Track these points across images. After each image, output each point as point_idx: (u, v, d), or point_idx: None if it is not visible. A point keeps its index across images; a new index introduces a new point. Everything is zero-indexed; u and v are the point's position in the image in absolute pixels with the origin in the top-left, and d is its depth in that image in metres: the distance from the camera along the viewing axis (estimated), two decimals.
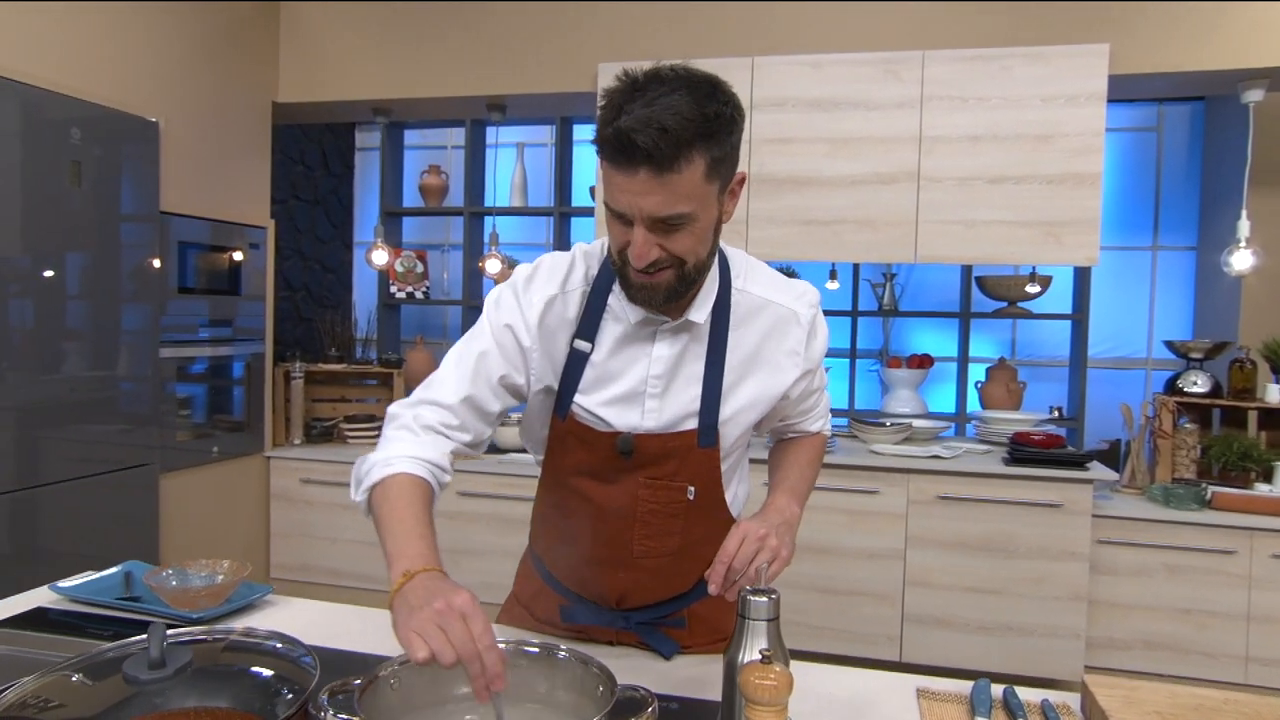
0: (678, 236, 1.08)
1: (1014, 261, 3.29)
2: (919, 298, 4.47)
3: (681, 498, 1.26)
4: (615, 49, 3.57)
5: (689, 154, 1.01)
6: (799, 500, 1.29)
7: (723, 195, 1.12)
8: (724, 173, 1.08)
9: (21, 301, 2.66)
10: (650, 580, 1.33)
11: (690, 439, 1.24)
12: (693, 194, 1.04)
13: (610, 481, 1.27)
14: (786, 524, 1.19)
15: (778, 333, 1.27)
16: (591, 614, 1.37)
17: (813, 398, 1.39)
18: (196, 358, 3.42)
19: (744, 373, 1.26)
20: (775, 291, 1.28)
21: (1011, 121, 3.20)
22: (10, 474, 2.63)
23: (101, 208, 2.91)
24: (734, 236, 3.45)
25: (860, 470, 3.19)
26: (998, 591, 3.11)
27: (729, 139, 1.06)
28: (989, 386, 3.94)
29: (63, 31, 2.84)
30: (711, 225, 1.12)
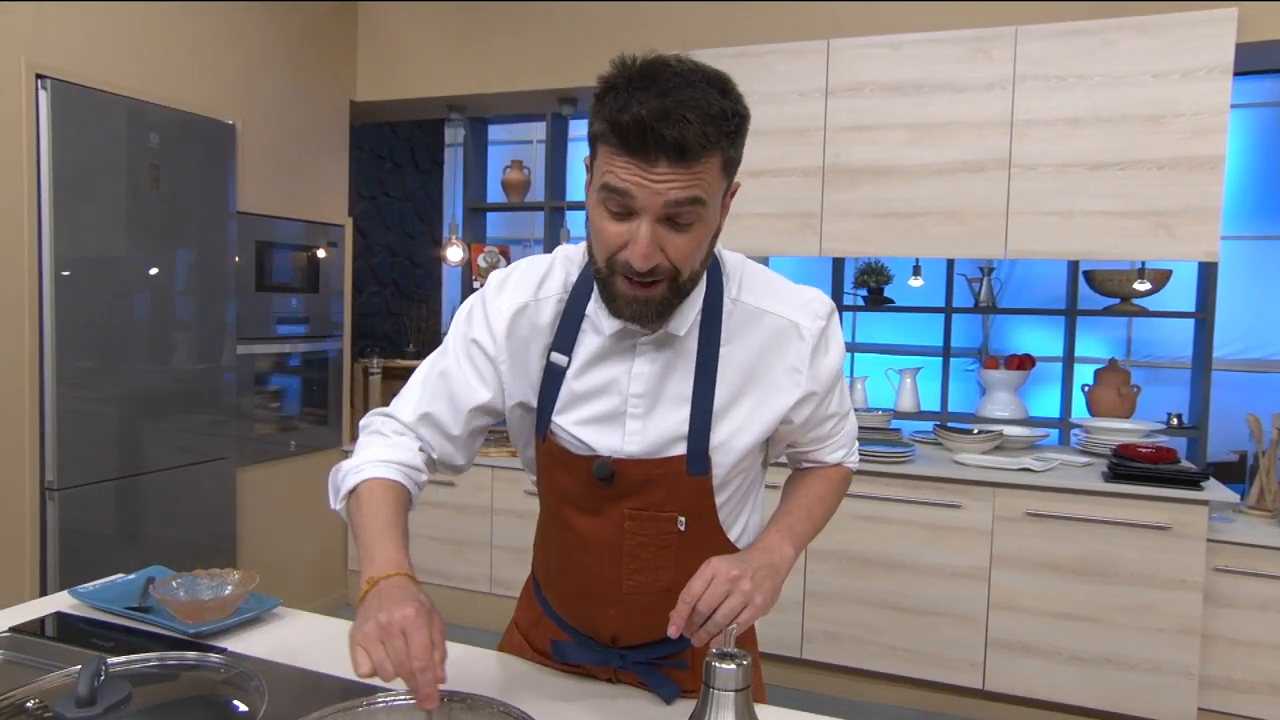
0: (681, 239, 0.99)
1: (1118, 257, 2.97)
2: (1021, 293, 4.15)
3: (671, 529, 1.14)
4: (684, 39, 3.44)
5: (714, 149, 0.95)
6: (794, 541, 1.15)
7: (727, 195, 1.05)
8: (731, 175, 1.03)
9: (103, 301, 2.78)
10: (643, 618, 1.20)
11: (678, 465, 1.12)
12: (710, 187, 0.97)
13: (594, 512, 1.16)
14: (771, 566, 1.05)
15: (775, 347, 1.13)
16: (585, 652, 1.27)
17: (827, 424, 1.23)
18: (274, 354, 3.52)
19: (738, 392, 1.13)
20: (774, 301, 1.14)
21: (1117, 101, 2.88)
22: (109, 463, 2.76)
23: (178, 209, 3.01)
24: (807, 232, 3.27)
25: (941, 482, 2.96)
26: (1095, 619, 2.82)
27: (740, 141, 1.01)
28: (1098, 390, 3.60)
29: (140, 39, 2.95)
30: (712, 231, 1.04)
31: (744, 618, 0.96)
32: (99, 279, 2.77)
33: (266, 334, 3.47)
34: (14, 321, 2.59)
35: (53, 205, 2.63)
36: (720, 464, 1.14)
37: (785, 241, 3.33)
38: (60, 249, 2.65)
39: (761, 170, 3.32)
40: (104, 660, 0.98)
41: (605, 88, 0.98)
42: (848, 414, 1.27)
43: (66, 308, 2.68)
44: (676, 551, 1.16)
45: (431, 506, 3.70)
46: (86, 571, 2.41)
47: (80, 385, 2.73)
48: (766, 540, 1.13)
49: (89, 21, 2.78)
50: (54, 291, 2.64)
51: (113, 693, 0.97)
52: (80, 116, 2.69)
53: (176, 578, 1.56)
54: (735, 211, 3.36)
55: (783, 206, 3.31)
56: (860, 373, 4.19)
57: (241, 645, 1.37)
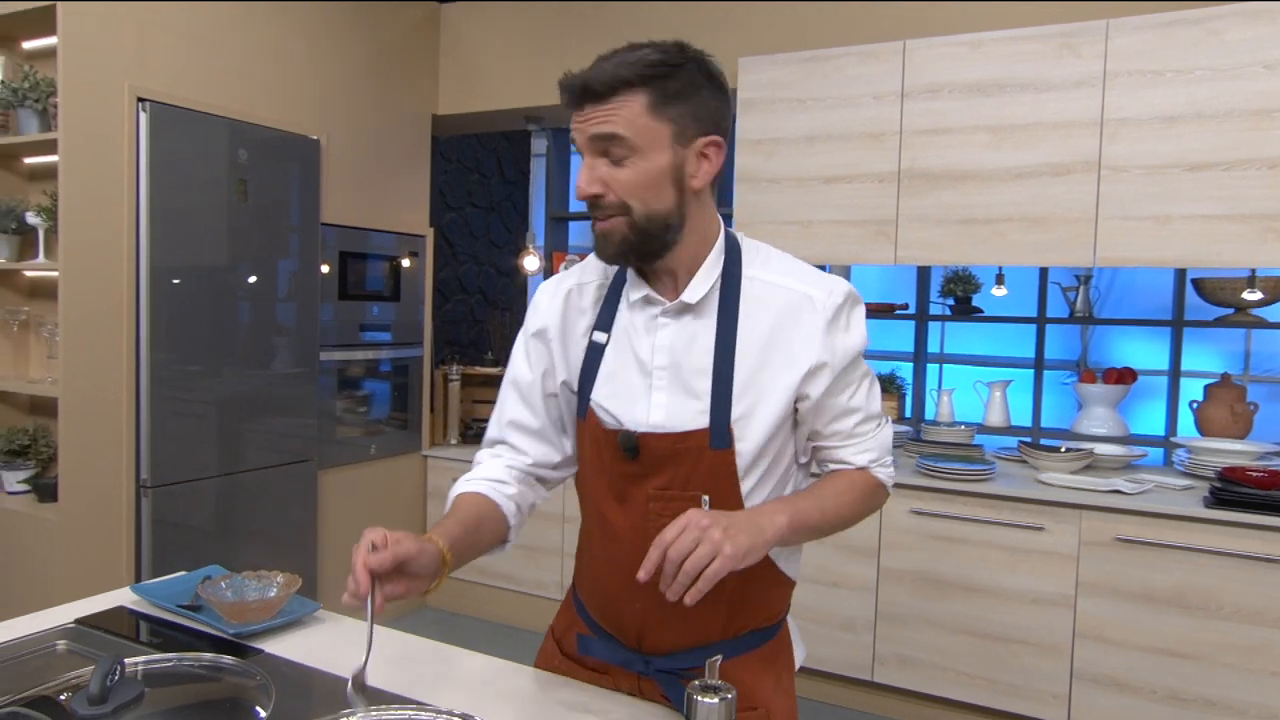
0: (621, 173, 1.08)
1: (1221, 264, 2.75)
2: (1125, 302, 3.90)
3: (695, 507, 1.11)
4: (756, 43, 3.39)
5: (625, 88, 1.06)
6: (791, 513, 1.08)
7: (682, 148, 1.09)
8: (675, 117, 1.08)
9: (194, 309, 2.95)
10: (668, 616, 1.16)
11: (701, 439, 1.13)
12: (630, 122, 1.06)
13: (623, 498, 1.19)
14: (753, 524, 1.03)
15: (790, 319, 1.15)
16: (609, 650, 1.27)
17: (850, 419, 1.20)
18: (357, 360, 3.65)
19: (757, 366, 1.14)
20: (791, 278, 1.17)
21: (1220, 96, 2.67)
22: (198, 463, 2.93)
23: (266, 221, 3.16)
24: (881, 239, 3.16)
25: (1022, 502, 2.80)
26: (1195, 657, 2.61)
27: (680, 87, 1.07)
28: (1208, 407, 3.34)
29: (231, 62, 3.11)
30: (663, 172, 1.08)
31: (713, 568, 0.95)
32: (190, 288, 2.93)
33: (350, 341, 3.60)
34: (114, 328, 2.77)
35: (150, 219, 2.80)
36: (743, 439, 1.13)
37: (859, 250, 3.23)
38: (155, 259, 2.82)
39: (834, 176, 3.23)
40: (119, 660, 1.02)
41: None
42: (876, 418, 1.23)
43: (160, 315, 2.85)
44: None
45: None
46: (177, 565, 2.55)
47: (172, 389, 2.89)
48: (761, 506, 1.12)
49: (185, 47, 2.95)
50: (150, 299, 2.82)
51: (125, 692, 1.01)
52: (175, 135, 2.86)
53: (226, 578, 1.63)
54: (805, 219, 3.33)
55: (856, 213, 3.21)
56: (947, 385, 4.03)
57: (280, 647, 1.41)
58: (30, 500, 2.86)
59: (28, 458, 2.92)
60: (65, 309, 2.65)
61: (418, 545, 1.04)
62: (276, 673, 1.23)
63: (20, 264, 2.87)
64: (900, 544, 2.98)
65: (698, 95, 1.09)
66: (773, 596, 1.26)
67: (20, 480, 2.90)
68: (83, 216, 2.68)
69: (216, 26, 3.05)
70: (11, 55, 2.96)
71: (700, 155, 1.11)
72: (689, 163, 1.10)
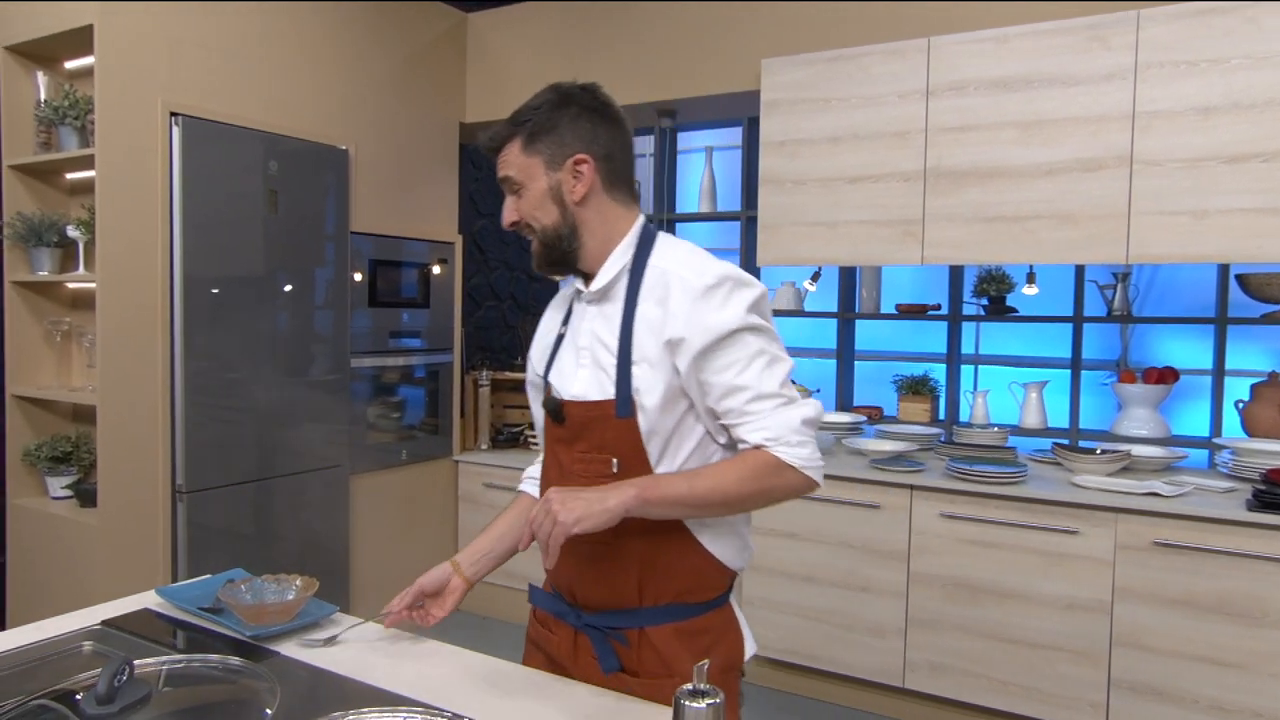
0: (519, 202, 1.34)
1: (1260, 259, 2.66)
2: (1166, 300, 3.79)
3: (606, 470, 1.30)
4: (779, 43, 3.37)
5: (507, 139, 1.33)
6: (646, 488, 1.20)
7: (556, 171, 1.31)
8: (543, 149, 1.31)
9: (226, 318, 3.01)
10: (586, 568, 1.34)
11: (608, 408, 1.29)
12: (513, 163, 1.32)
13: (559, 460, 1.38)
14: (595, 495, 1.18)
15: (665, 297, 1.29)
16: (551, 602, 1.44)
17: (739, 396, 1.25)
18: (388, 367, 3.70)
19: (645, 342, 1.30)
20: (677, 264, 1.31)
21: (1258, 85, 2.58)
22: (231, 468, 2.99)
23: (296, 231, 3.22)
24: (908, 239, 3.12)
25: (1056, 505, 2.74)
26: (1239, 666, 2.53)
27: (539, 126, 1.31)
28: (1254, 407, 3.23)
29: (261, 75, 3.18)
30: (544, 194, 1.32)
31: (553, 534, 1.14)
32: (223, 298, 3.00)
33: (382, 347, 3.65)
34: (149, 337, 2.84)
35: (183, 230, 2.87)
36: (642, 408, 1.28)
37: (885, 250, 3.19)
38: (189, 270, 2.89)
39: (859, 176, 3.20)
40: (128, 661, 1.05)
41: None
42: (774, 397, 1.26)
43: (194, 324, 2.92)
44: None
45: None
46: (211, 568, 2.61)
47: (206, 396, 2.96)
48: (621, 481, 1.23)
49: (216, 62, 3.03)
50: (184, 309, 2.89)
51: (132, 693, 1.03)
52: (207, 148, 2.93)
53: (246, 581, 1.66)
54: (831, 220, 3.31)
55: (881, 213, 3.17)
56: (982, 386, 3.95)
57: (295, 649, 1.44)
58: (72, 505, 2.95)
59: (70, 464, 3.01)
60: (103, 319, 2.73)
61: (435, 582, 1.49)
62: (286, 674, 1.25)
63: (62, 276, 2.96)
64: (930, 548, 2.93)
65: (559, 127, 1.31)
66: (687, 570, 1.33)
67: (64, 486, 2.99)
68: (119, 229, 2.75)
69: (245, 41, 3.13)
70: (54, 75, 3.06)
71: (573, 174, 1.31)
72: (565, 182, 1.31)
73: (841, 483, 3.06)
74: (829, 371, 4.16)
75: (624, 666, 1.32)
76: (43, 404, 3.07)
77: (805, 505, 3.11)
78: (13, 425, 3.02)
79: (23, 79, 3.01)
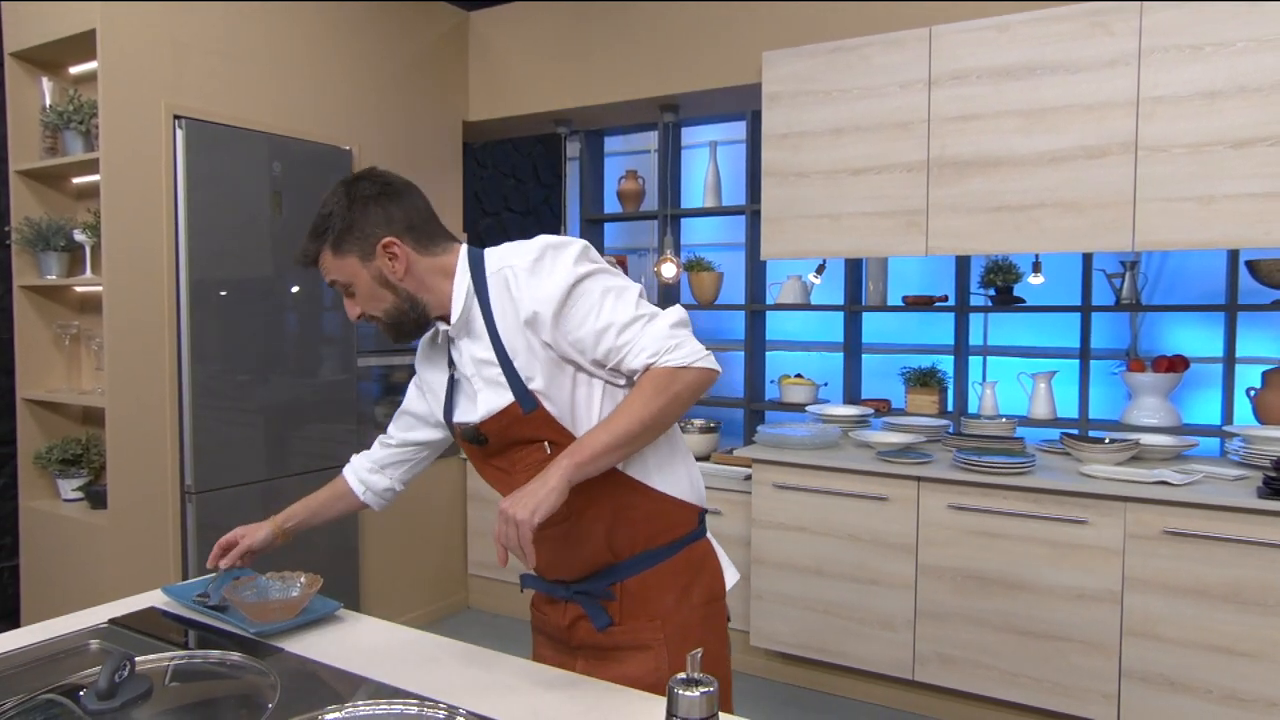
0: (354, 300, 1.43)
1: (1269, 244, 2.63)
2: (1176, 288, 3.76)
3: (543, 456, 1.36)
4: (779, 36, 3.36)
5: (317, 253, 1.42)
6: (572, 454, 1.26)
7: (371, 260, 1.38)
8: (349, 248, 1.38)
9: (231, 319, 3.03)
10: (559, 552, 1.43)
11: (514, 410, 1.36)
12: (331, 270, 1.42)
13: (500, 469, 1.45)
14: (535, 484, 1.23)
15: (506, 290, 1.36)
16: (540, 583, 1.52)
17: (608, 336, 1.32)
18: (394, 366, 3.71)
19: (512, 338, 1.36)
20: (504, 258, 1.38)
21: (1264, 68, 2.56)
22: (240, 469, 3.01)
23: (301, 232, 3.19)
24: (911, 230, 3.11)
25: (1064, 495, 2.72)
26: (1253, 655, 2.50)
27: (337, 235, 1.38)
28: (1266, 395, 3.20)
29: (264, 77, 3.19)
30: (371, 284, 1.40)
31: (521, 535, 1.18)
32: (229, 299, 3.02)
33: (388, 347, 3.66)
34: (157, 339, 2.86)
35: (188, 232, 2.89)
36: (540, 392, 1.35)
37: (889, 241, 3.17)
38: (195, 272, 2.90)
39: (862, 168, 3.19)
40: (129, 657, 1.05)
41: None
42: (633, 321, 1.32)
43: (201, 326, 2.93)
44: None
45: None
46: None
47: (214, 397, 2.98)
48: (565, 455, 1.27)
49: (218, 64, 3.04)
50: (190, 310, 2.90)
51: (133, 688, 1.04)
52: (211, 150, 2.95)
53: (251, 579, 1.67)
54: (835, 212, 3.30)
55: (885, 205, 3.16)
56: (991, 377, 3.93)
57: (299, 646, 1.44)
58: (83, 507, 2.97)
59: (81, 466, 3.03)
60: (110, 322, 2.75)
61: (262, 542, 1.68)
62: (288, 670, 1.26)
63: (70, 279, 2.98)
64: (939, 540, 2.92)
65: (355, 223, 1.37)
66: (646, 516, 1.41)
67: (74, 488, 3.01)
68: (124, 232, 2.77)
69: (248, 43, 3.14)
70: (59, 80, 3.08)
71: (388, 256, 1.37)
72: (385, 266, 1.38)
73: (849, 475, 3.05)
74: (836, 364, 4.14)
75: (613, 620, 1.41)
76: (53, 407, 3.10)
77: (812, 498, 3.11)
78: (24, 429, 3.05)
79: (28, 85, 3.03)
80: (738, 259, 4.31)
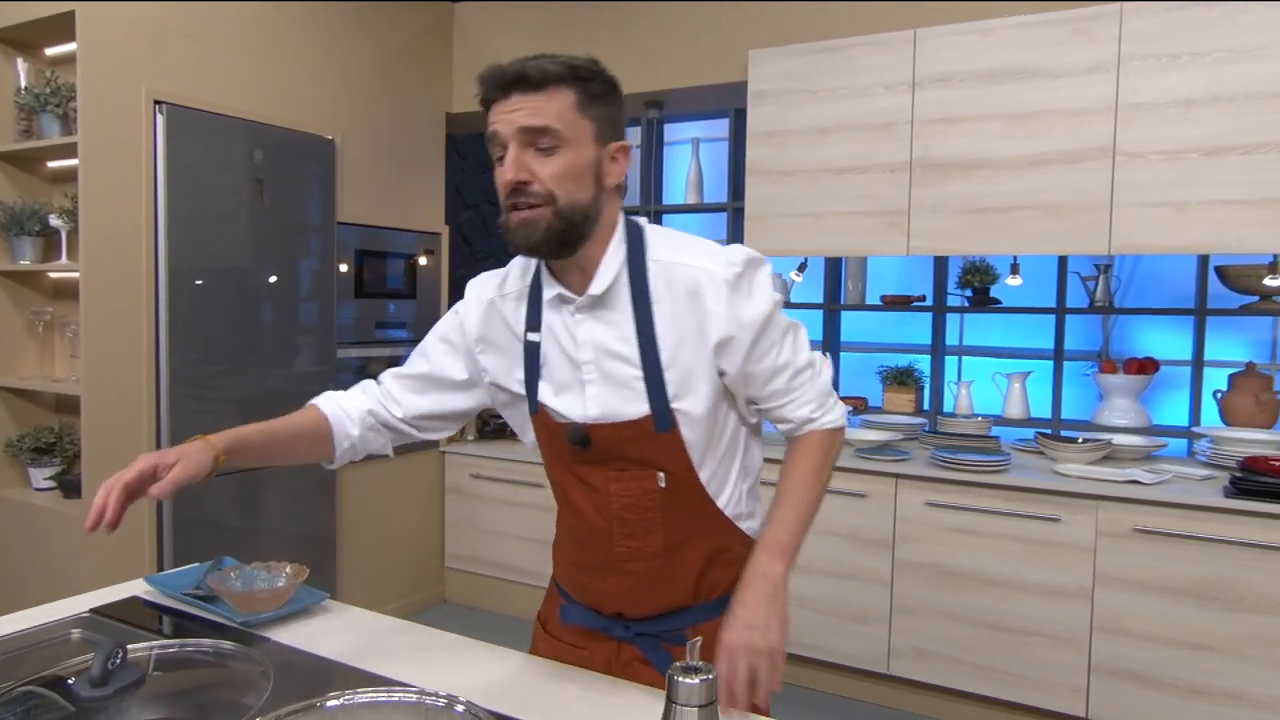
0: (548, 161, 1.11)
1: (1240, 250, 2.70)
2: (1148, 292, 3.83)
3: (653, 487, 1.21)
4: (765, 35, 3.38)
5: (556, 82, 1.11)
6: (784, 553, 1.17)
7: (601, 146, 1.16)
8: (598, 117, 1.14)
9: (212, 308, 2.99)
10: (641, 588, 1.26)
11: (645, 425, 1.18)
12: (561, 115, 1.11)
13: (585, 480, 1.25)
14: (769, 600, 1.12)
15: (695, 296, 1.18)
16: (589, 616, 1.33)
17: (781, 377, 1.23)
18: (374, 357, 3.69)
19: (677, 345, 1.19)
20: (688, 255, 1.20)
21: (1239, 78, 2.62)
22: None
23: (282, 220, 3.20)
24: (894, 230, 3.14)
25: (1038, 493, 2.78)
26: (1216, 650, 2.57)
27: (600, 91, 1.15)
28: (1232, 397, 3.28)
29: (246, 64, 3.16)
30: (585, 166, 1.14)
31: (775, 680, 1.08)
32: (208, 288, 2.98)
33: (368, 338, 3.64)
34: (134, 327, 2.82)
35: (168, 219, 2.85)
36: (685, 417, 1.19)
37: (871, 241, 3.21)
38: (174, 259, 2.87)
39: (846, 167, 3.22)
40: (121, 644, 1.05)
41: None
42: (808, 367, 1.26)
43: (179, 314, 2.90)
44: (662, 513, 1.22)
45: (519, 508, 3.78)
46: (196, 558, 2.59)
47: (192, 386, 2.94)
48: (758, 565, 1.16)
49: (201, 50, 3.00)
50: (169, 298, 2.87)
51: (125, 676, 1.03)
52: (192, 137, 2.91)
53: (236, 569, 1.66)
54: (818, 211, 3.32)
55: (868, 204, 3.19)
56: (966, 377, 3.99)
57: (286, 635, 1.44)
58: (55, 497, 2.93)
59: (53, 455, 2.99)
60: (86, 309, 2.71)
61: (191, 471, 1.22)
62: (279, 658, 1.26)
63: (44, 265, 2.93)
64: (915, 536, 2.96)
65: (612, 102, 1.17)
66: (745, 557, 1.28)
67: (46, 477, 2.96)
68: (102, 218, 2.73)
69: (231, 29, 3.10)
70: (35, 62, 3.03)
71: (611, 157, 1.17)
72: (604, 161, 1.16)
73: None
74: None
75: None
76: (25, 394, 3.05)
77: None
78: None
79: (2, 66, 2.98)
80: None
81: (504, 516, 3.86)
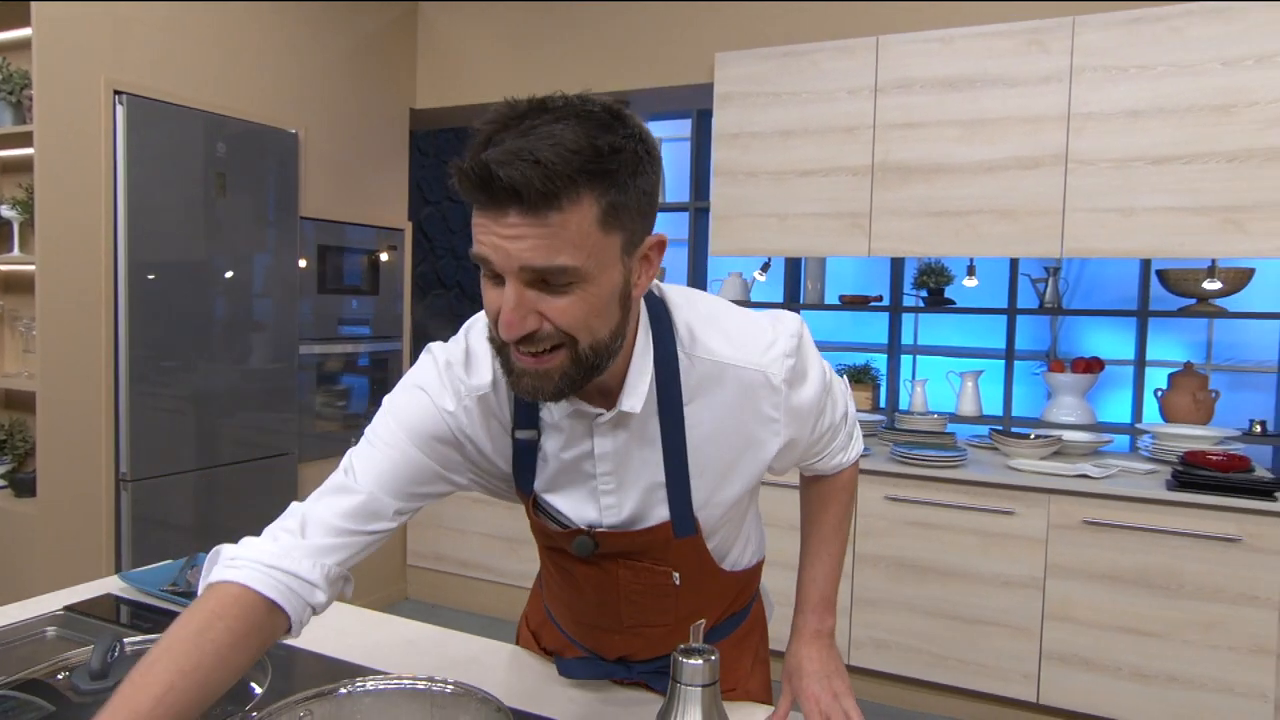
0: (564, 302, 0.82)
1: (1184, 255, 2.83)
2: (1094, 294, 3.99)
3: (667, 582, 1.09)
4: (732, 38, 3.44)
5: (573, 192, 0.77)
6: (830, 607, 1.25)
7: (630, 258, 0.86)
8: (627, 225, 0.83)
9: (172, 303, 2.94)
10: (648, 644, 1.20)
11: (664, 532, 1.04)
12: (581, 243, 0.79)
13: (590, 562, 1.09)
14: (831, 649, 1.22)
15: (745, 401, 1.01)
16: (590, 668, 1.26)
17: (825, 438, 1.17)
18: (336, 354, 3.65)
19: (713, 451, 1.03)
20: (734, 349, 1.00)
21: (1182, 91, 2.75)
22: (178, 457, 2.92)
23: (244, 215, 3.15)
24: (856, 232, 3.22)
25: (993, 487, 2.88)
26: (1158, 635, 2.70)
27: (632, 182, 0.81)
28: (1171, 395, 3.43)
29: (208, 55, 3.11)
30: (613, 295, 0.85)
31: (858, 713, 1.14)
32: (169, 282, 2.93)
33: (329, 335, 3.60)
34: (92, 322, 2.76)
35: (127, 212, 2.79)
36: (709, 519, 1.07)
37: (833, 242, 3.28)
38: (133, 253, 2.81)
39: (809, 170, 3.29)
40: (119, 638, 1.04)
41: (475, 132, 0.82)
42: (843, 418, 1.20)
43: (139, 309, 2.84)
44: (675, 599, 1.13)
45: (483, 505, 3.78)
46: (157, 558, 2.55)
47: (152, 383, 2.89)
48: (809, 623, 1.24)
49: (162, 40, 2.94)
50: (128, 293, 2.81)
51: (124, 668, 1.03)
52: (152, 128, 2.86)
53: None
54: (782, 212, 3.39)
55: (831, 206, 3.27)
56: (920, 375, 4.10)
57: None
58: (7, 495, 2.85)
59: (4, 453, 2.90)
60: (43, 303, 2.64)
61: None
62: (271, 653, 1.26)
63: None
64: (875, 530, 3.05)
65: (642, 183, 0.83)
66: (751, 583, 1.32)
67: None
68: (60, 210, 2.66)
69: (193, 19, 3.05)
70: None
71: (644, 259, 0.89)
72: (634, 271, 0.88)
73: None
74: None
75: None
76: None
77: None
78: None
79: None
80: (680, 255, 4.38)
81: (467, 514, 3.85)
